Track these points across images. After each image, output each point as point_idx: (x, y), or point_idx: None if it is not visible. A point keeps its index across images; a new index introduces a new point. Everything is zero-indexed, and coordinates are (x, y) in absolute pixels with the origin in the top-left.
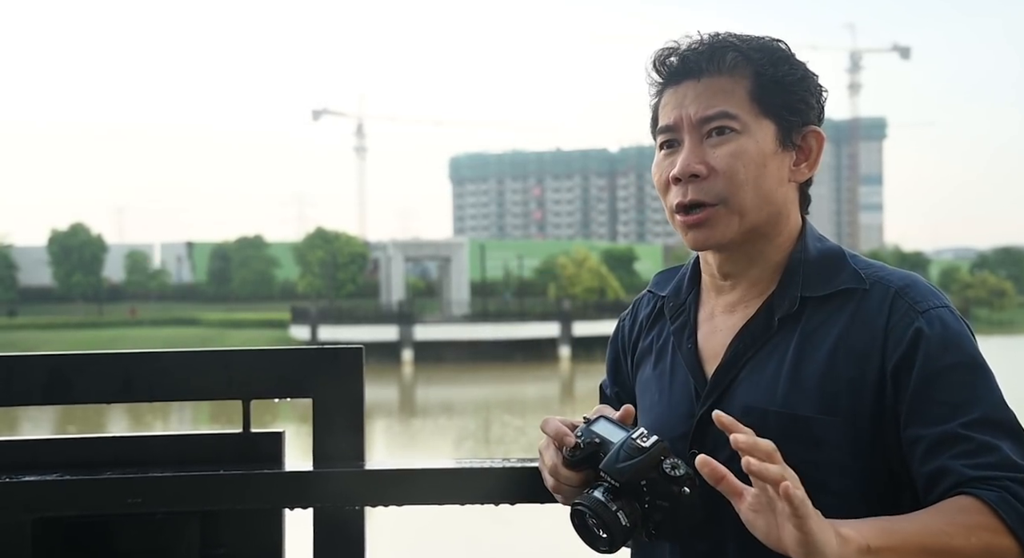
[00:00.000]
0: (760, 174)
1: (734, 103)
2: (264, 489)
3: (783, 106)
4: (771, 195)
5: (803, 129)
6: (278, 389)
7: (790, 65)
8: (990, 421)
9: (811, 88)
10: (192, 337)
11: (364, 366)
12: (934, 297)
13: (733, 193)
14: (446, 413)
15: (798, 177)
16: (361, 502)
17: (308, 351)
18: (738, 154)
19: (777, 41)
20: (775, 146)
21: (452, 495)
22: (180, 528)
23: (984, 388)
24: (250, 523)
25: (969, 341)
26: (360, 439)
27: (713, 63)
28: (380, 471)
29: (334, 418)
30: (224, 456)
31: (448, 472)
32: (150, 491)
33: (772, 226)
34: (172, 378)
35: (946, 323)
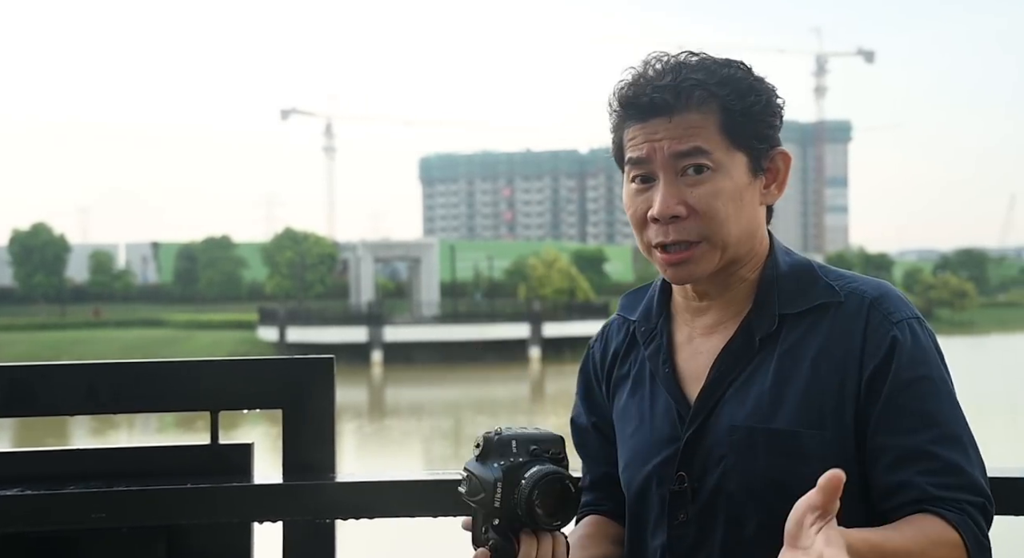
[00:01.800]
0: (738, 208)
1: (705, 139)
2: (233, 503)
3: (752, 136)
4: (749, 225)
5: (771, 152)
6: (248, 400)
7: (755, 93)
8: (955, 439)
9: (774, 109)
10: (158, 338)
11: (335, 376)
12: (906, 308)
13: (715, 231)
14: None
15: (769, 199)
16: (332, 515)
17: (278, 361)
18: (717, 193)
19: (739, 65)
20: (748, 177)
21: (424, 507)
22: (147, 544)
23: (949, 404)
24: (219, 537)
25: (937, 356)
26: (331, 451)
27: (681, 100)
28: (351, 483)
29: (305, 429)
30: (192, 469)
31: (420, 484)
32: (115, 506)
33: (747, 251)
34: (139, 389)
35: (917, 335)
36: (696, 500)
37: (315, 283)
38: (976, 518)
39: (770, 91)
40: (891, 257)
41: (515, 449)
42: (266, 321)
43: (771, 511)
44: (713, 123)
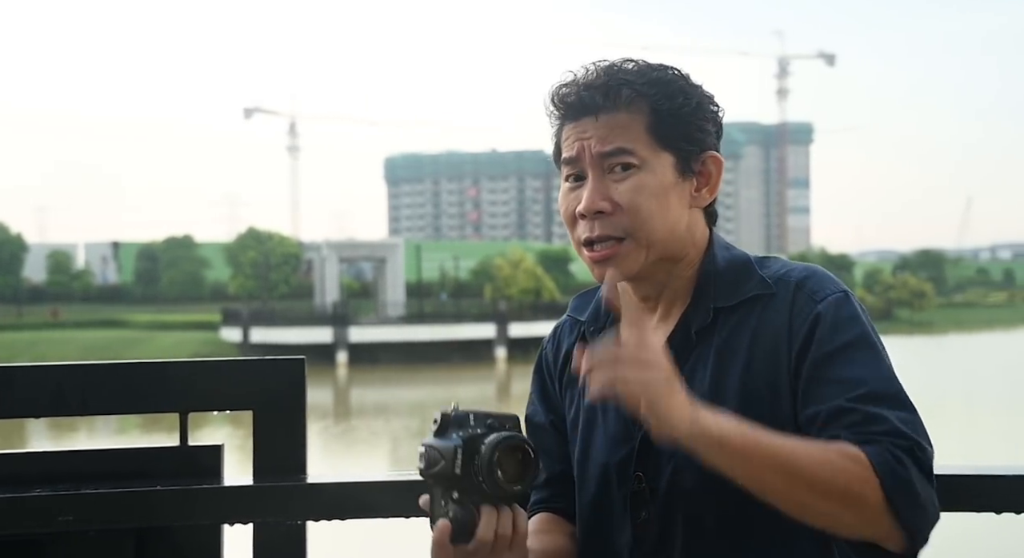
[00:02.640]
0: (662, 206)
1: (631, 138)
2: (203, 504)
3: (680, 137)
4: (676, 224)
5: (701, 155)
6: (218, 401)
7: (685, 95)
8: (879, 395)
9: (707, 114)
10: (118, 339)
11: (306, 377)
12: (831, 284)
13: (639, 227)
14: (382, 415)
15: (699, 202)
16: (303, 516)
17: (249, 362)
18: (639, 189)
19: (673, 70)
20: (675, 177)
21: (396, 508)
22: (115, 546)
23: (873, 363)
24: (188, 540)
25: (860, 321)
26: (302, 452)
27: (609, 100)
28: (322, 484)
29: (276, 431)
30: (161, 471)
31: (392, 485)
32: (82, 508)
33: (678, 250)
34: (106, 391)
35: (840, 306)
36: (655, 499)
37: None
38: (899, 456)
39: (704, 96)
40: (852, 258)
41: (472, 422)
42: (229, 322)
43: (727, 504)
44: (640, 123)
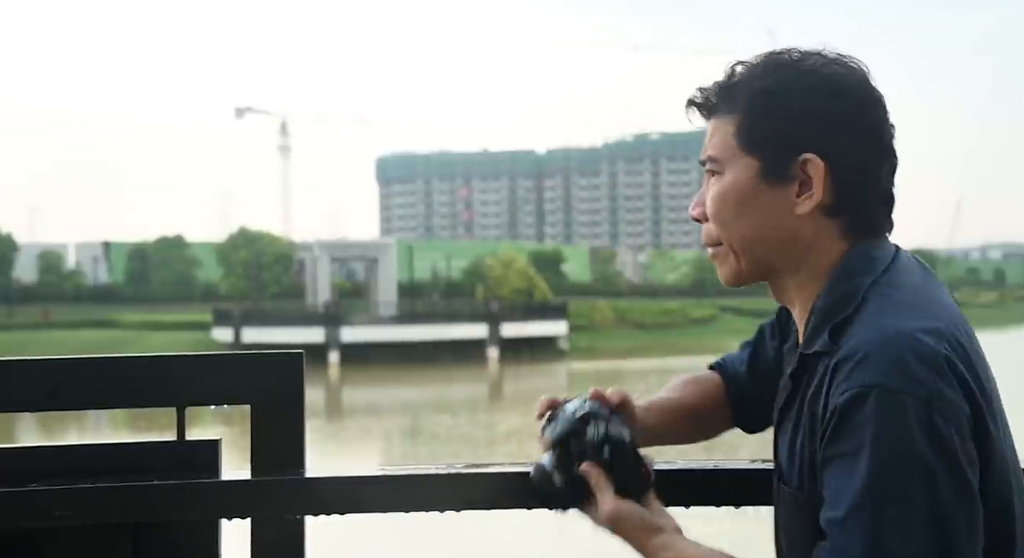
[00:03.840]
0: (742, 213)
1: (720, 144)
2: (200, 499)
3: (769, 141)
4: (766, 233)
5: (797, 159)
6: (215, 395)
7: (781, 96)
8: (848, 524)
9: (812, 112)
10: (110, 339)
11: (304, 371)
12: (872, 373)
13: (722, 234)
14: (374, 415)
15: (801, 209)
16: (301, 511)
17: (247, 356)
18: (718, 196)
19: (795, 63)
20: (758, 182)
21: (395, 503)
22: (112, 541)
23: (862, 484)
24: (186, 535)
25: (866, 429)
26: (301, 446)
27: (713, 103)
28: (321, 479)
29: (273, 425)
30: (158, 465)
31: (391, 479)
32: (80, 503)
33: (784, 262)
34: (102, 385)
35: (854, 406)
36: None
37: (271, 283)
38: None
39: (821, 92)
40: None
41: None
42: (221, 322)
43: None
44: (732, 126)
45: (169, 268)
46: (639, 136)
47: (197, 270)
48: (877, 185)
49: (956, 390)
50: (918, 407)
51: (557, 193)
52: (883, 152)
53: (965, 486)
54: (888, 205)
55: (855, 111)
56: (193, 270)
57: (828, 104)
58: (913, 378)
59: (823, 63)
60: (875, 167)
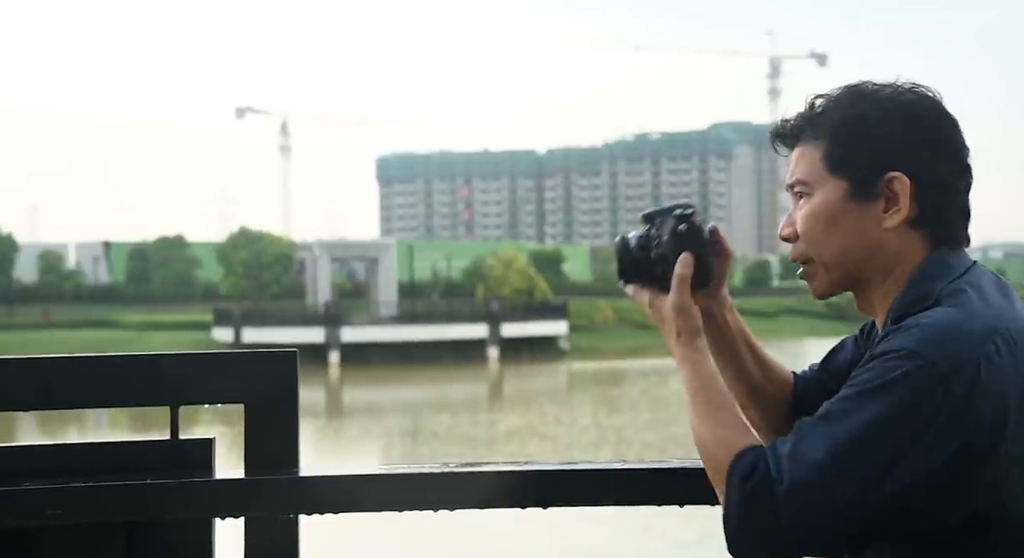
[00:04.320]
0: (832, 230)
1: (808, 169)
2: (193, 498)
3: (854, 163)
4: (855, 248)
5: (883, 178)
6: (208, 394)
7: (864, 122)
8: (824, 447)
9: (894, 135)
10: (110, 339)
11: (299, 370)
12: (930, 348)
13: (813, 252)
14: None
15: (889, 224)
16: (295, 510)
17: (240, 355)
18: (809, 216)
19: (870, 90)
20: (847, 201)
21: (389, 502)
22: (104, 540)
23: (853, 423)
24: (179, 534)
25: (890, 390)
26: (295, 445)
27: (800, 131)
28: (315, 478)
29: (267, 424)
30: (152, 464)
31: (385, 478)
32: (72, 502)
33: (872, 273)
34: (96, 384)
35: (894, 363)
36: None
37: (271, 283)
38: (763, 472)
39: (898, 114)
40: None
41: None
42: (221, 322)
43: None
44: (819, 151)
45: (169, 268)
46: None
47: (197, 270)
48: (956, 199)
49: (979, 384)
50: (935, 377)
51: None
52: (961, 169)
53: (930, 463)
54: (966, 218)
55: (934, 132)
56: (193, 270)
57: (908, 126)
58: (947, 354)
59: (900, 92)
60: (954, 182)
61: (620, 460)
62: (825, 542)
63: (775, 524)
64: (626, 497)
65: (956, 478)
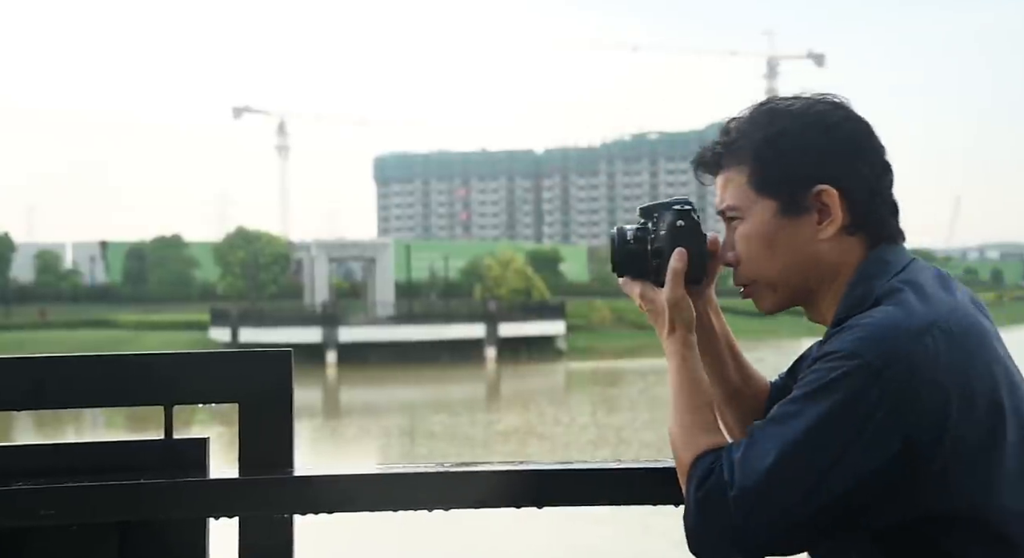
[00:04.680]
0: (771, 250)
1: (736, 194)
2: (187, 498)
3: (780, 182)
4: (793, 264)
5: (811, 191)
6: (202, 394)
7: (784, 139)
8: (772, 435)
9: (815, 148)
10: (107, 339)
11: (293, 369)
12: (862, 347)
13: (755, 272)
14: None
15: (825, 234)
16: (290, 510)
17: (234, 354)
18: (745, 239)
19: (785, 108)
20: (780, 220)
21: (384, 501)
22: (97, 540)
23: (794, 430)
24: (172, 534)
25: (830, 392)
26: (289, 445)
27: (724, 158)
28: (309, 477)
29: (262, 423)
30: (145, 464)
31: (380, 477)
32: (65, 502)
33: (817, 283)
34: (87, 383)
35: (833, 368)
36: None
37: (268, 283)
38: (715, 475)
39: (818, 126)
40: None
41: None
42: (218, 322)
43: None
44: (744, 175)
45: (166, 268)
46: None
47: (195, 270)
48: (883, 198)
49: (916, 378)
50: (872, 375)
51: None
52: (882, 168)
53: (868, 460)
54: (895, 213)
55: (851, 139)
56: (191, 270)
57: (827, 137)
58: (883, 351)
59: (811, 104)
60: (878, 183)
61: (616, 460)
62: (778, 543)
63: (727, 527)
64: (621, 497)
65: (903, 472)
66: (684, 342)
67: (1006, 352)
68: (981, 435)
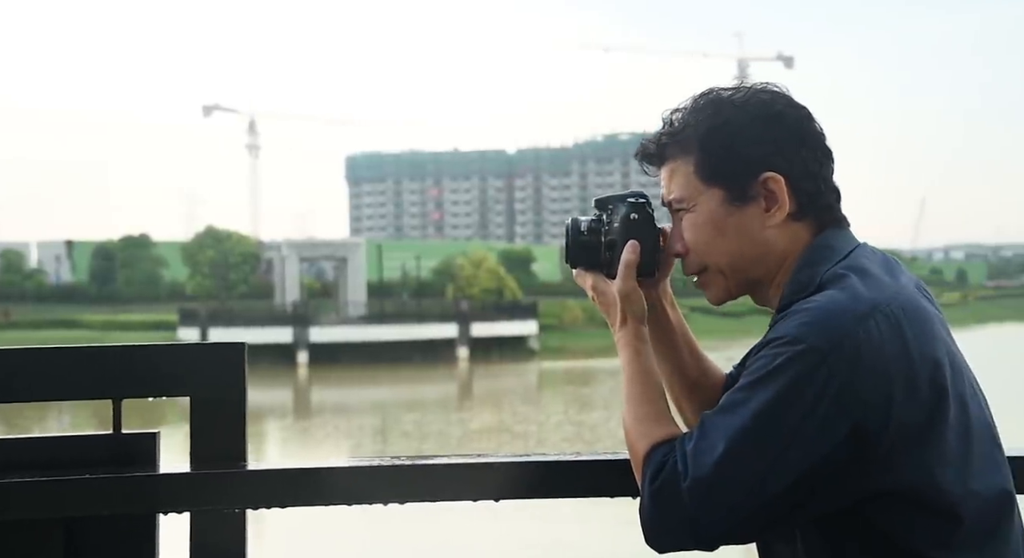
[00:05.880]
0: (720, 238)
1: (683, 184)
2: (136, 493)
3: (726, 171)
4: (742, 251)
5: (758, 179)
6: (153, 387)
7: (730, 126)
8: (718, 425)
9: (759, 137)
10: (72, 340)
11: (247, 362)
12: (804, 333)
13: (704, 261)
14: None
15: (773, 221)
16: (241, 504)
17: (186, 347)
18: (694, 228)
19: (726, 97)
20: (728, 208)
21: (338, 495)
22: (43, 537)
23: (742, 418)
24: (121, 530)
25: (776, 378)
26: (242, 439)
27: (669, 149)
28: (262, 471)
29: (214, 417)
30: (93, 459)
31: (334, 471)
32: (9, 498)
33: (765, 270)
34: (35, 377)
35: (776, 355)
36: None
37: (238, 283)
38: (672, 468)
39: (759, 115)
40: None
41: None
42: (187, 322)
43: None
44: (690, 165)
45: (134, 267)
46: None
47: (163, 270)
48: (826, 183)
49: (861, 362)
50: (817, 360)
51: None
52: (825, 154)
53: (814, 444)
54: (839, 199)
55: (794, 126)
56: (159, 270)
57: (771, 126)
58: (827, 336)
59: (753, 93)
60: (822, 169)
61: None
62: (733, 532)
63: (683, 518)
64: (580, 490)
65: (851, 457)
66: (636, 334)
67: (950, 335)
68: (924, 417)
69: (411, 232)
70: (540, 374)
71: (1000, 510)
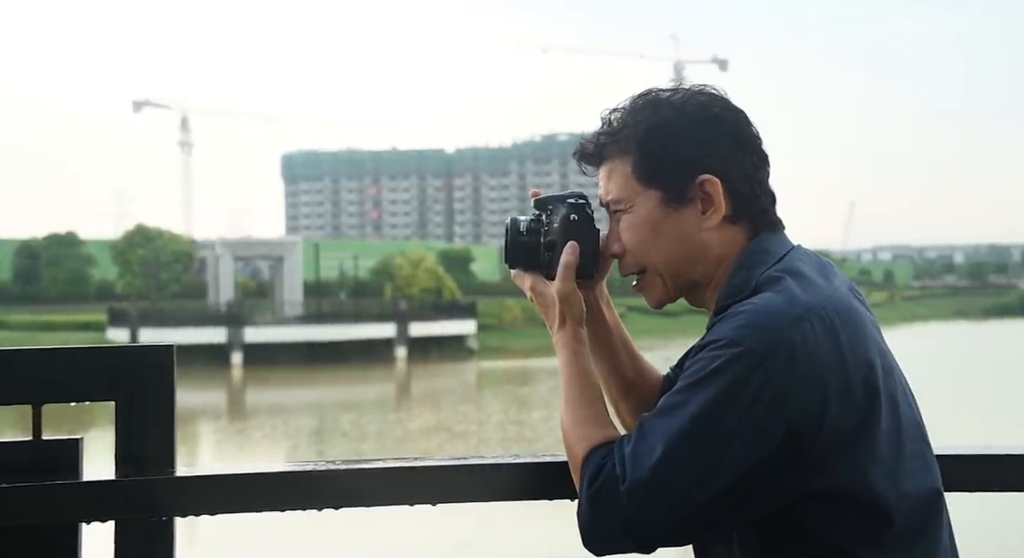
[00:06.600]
0: (657, 240)
1: (621, 185)
2: (57, 501)
3: (664, 172)
4: (679, 252)
5: (695, 181)
6: (76, 392)
7: (669, 128)
8: (654, 428)
9: (697, 139)
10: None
11: (176, 365)
12: (741, 334)
13: (643, 262)
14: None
15: (710, 224)
16: (168, 512)
17: (110, 349)
18: (632, 229)
19: (664, 98)
20: (665, 210)
21: (269, 501)
22: None
23: (680, 422)
24: (42, 540)
25: (713, 380)
26: (170, 444)
27: (607, 149)
28: (190, 477)
29: (141, 422)
30: (11, 467)
31: (264, 477)
32: None
33: (704, 272)
34: None
35: (713, 358)
36: None
37: (170, 282)
38: (607, 470)
39: (697, 118)
40: None
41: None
42: (116, 322)
43: None
44: (627, 166)
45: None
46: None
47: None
48: (762, 186)
49: (796, 367)
50: (753, 363)
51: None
52: (761, 158)
53: (749, 447)
54: (774, 202)
55: (731, 129)
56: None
57: (709, 128)
58: (763, 339)
59: (692, 95)
60: (758, 172)
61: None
62: (670, 535)
63: (620, 521)
64: (517, 492)
65: (787, 459)
66: (574, 335)
67: (881, 336)
68: (858, 419)
69: (349, 231)
70: (479, 374)
71: (930, 509)
